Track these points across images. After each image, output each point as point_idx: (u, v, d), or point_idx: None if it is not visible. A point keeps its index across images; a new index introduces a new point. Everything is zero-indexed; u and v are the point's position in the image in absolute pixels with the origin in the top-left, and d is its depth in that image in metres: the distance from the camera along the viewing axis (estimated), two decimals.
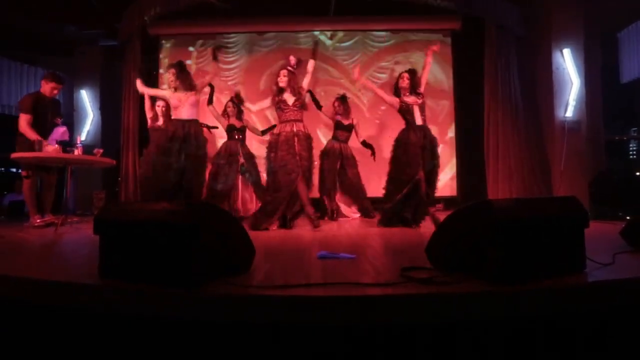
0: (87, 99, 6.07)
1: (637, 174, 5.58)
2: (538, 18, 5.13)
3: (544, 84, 5.01)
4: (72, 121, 5.93)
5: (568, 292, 1.47)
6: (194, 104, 3.79)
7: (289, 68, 3.81)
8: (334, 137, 4.79)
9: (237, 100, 4.66)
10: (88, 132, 6.03)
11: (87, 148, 4.50)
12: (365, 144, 4.81)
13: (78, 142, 4.15)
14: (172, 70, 3.79)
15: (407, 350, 1.37)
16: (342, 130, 4.75)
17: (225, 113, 4.69)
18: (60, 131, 3.97)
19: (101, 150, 4.16)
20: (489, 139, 4.93)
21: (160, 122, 4.59)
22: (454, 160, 5.96)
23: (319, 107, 4.65)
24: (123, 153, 5.38)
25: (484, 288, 1.43)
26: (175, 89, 3.76)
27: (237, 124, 4.67)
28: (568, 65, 4.79)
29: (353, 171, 4.76)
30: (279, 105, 3.74)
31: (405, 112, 3.73)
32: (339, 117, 4.73)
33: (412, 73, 3.79)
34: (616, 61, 5.91)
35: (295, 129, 3.68)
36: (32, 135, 3.79)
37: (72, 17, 5.59)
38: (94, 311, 1.50)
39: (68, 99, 6.05)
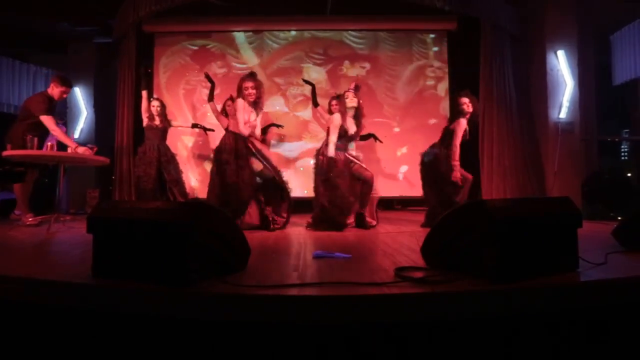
0: (80, 97, 6.01)
1: (629, 174, 5.64)
2: (533, 19, 5.16)
3: (538, 85, 5.03)
4: (65, 119, 5.88)
5: (561, 291, 1.48)
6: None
7: (352, 90, 4.09)
8: None
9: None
10: (82, 130, 5.97)
11: (81, 146, 4.45)
12: (363, 137, 4.80)
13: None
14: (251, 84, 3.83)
15: (403, 349, 1.38)
16: None
17: (224, 111, 4.66)
18: (62, 130, 4.02)
19: (95, 148, 4.12)
20: (483, 139, 4.93)
21: (157, 121, 4.55)
22: None
23: (316, 104, 4.63)
24: (117, 151, 5.33)
25: (478, 287, 1.44)
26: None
27: None
28: (562, 66, 4.82)
29: None
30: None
31: (452, 133, 3.93)
32: None
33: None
34: (609, 63, 5.96)
35: None
36: (63, 137, 3.83)
37: (65, 13, 5.53)
38: (87, 310, 1.49)
39: None
